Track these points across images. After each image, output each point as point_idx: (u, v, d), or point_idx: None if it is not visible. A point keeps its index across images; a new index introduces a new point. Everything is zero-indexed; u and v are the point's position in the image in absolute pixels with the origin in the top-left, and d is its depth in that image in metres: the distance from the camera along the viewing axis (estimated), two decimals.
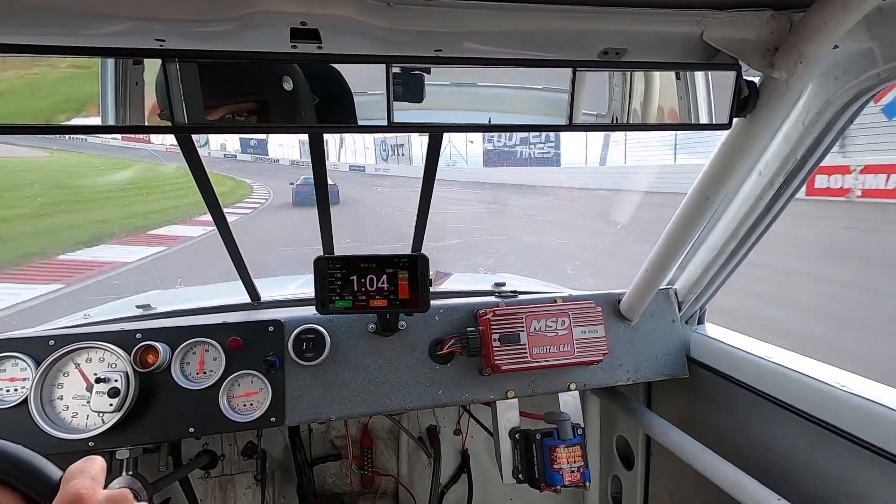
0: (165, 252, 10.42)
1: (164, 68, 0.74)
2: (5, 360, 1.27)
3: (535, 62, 0.89)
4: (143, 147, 27.40)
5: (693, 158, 17.29)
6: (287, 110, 0.84)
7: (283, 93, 0.82)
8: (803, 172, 1.14)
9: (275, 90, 0.82)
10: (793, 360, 1.30)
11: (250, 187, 24.29)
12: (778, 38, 0.86)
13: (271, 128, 0.85)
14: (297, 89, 0.82)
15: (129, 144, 31.32)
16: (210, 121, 0.80)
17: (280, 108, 0.84)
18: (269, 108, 0.83)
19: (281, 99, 0.83)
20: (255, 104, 0.83)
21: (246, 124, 0.83)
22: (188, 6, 0.72)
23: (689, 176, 1.18)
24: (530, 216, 15.31)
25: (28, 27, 0.76)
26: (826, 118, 1.02)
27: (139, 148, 28.45)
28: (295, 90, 0.82)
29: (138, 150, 28.14)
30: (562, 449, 1.40)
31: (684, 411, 1.66)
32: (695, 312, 1.66)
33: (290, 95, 0.82)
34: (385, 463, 2.35)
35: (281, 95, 0.82)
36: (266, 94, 0.82)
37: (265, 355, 1.34)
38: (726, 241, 1.36)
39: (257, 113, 0.83)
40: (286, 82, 0.81)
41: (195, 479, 2.02)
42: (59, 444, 1.22)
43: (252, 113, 0.83)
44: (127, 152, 30.30)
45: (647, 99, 0.95)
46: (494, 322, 1.41)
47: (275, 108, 0.83)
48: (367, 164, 36.54)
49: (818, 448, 1.19)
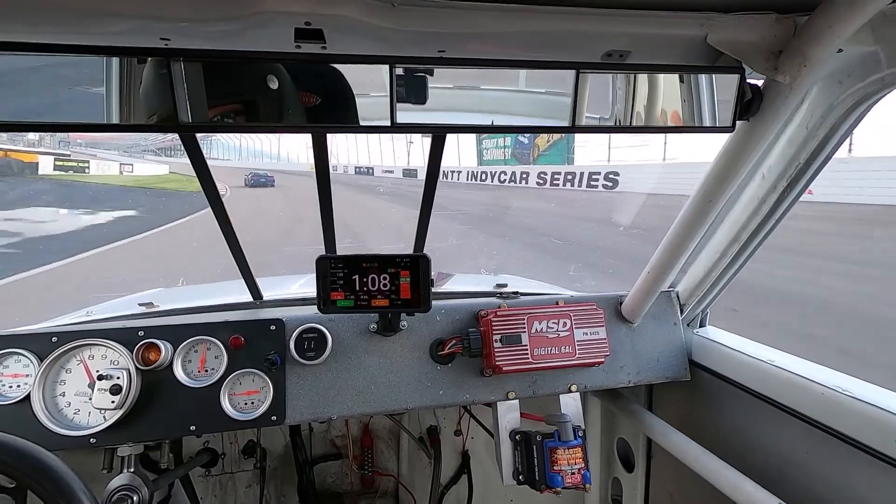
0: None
1: (168, 67, 0.75)
2: (8, 357, 1.28)
3: (539, 64, 0.89)
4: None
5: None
6: (291, 111, 0.84)
7: (286, 93, 0.83)
8: (807, 176, 1.14)
9: (278, 90, 0.82)
10: (794, 364, 1.30)
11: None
12: (782, 41, 0.86)
13: (275, 127, 0.85)
14: (299, 90, 0.83)
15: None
16: (214, 120, 0.80)
17: (284, 108, 0.84)
18: (272, 108, 0.84)
19: (284, 99, 0.83)
20: (258, 104, 0.83)
21: (249, 124, 0.83)
22: (193, 6, 0.72)
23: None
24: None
25: (36, 25, 0.76)
26: (830, 122, 1.02)
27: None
28: (297, 91, 0.82)
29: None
30: (562, 451, 1.40)
31: (685, 414, 1.66)
32: (697, 315, 1.65)
33: (293, 96, 0.83)
34: (385, 463, 2.36)
35: (284, 96, 0.83)
36: (269, 94, 0.83)
37: (267, 354, 1.34)
38: (729, 245, 1.36)
39: (260, 112, 0.83)
40: (272, 82, 0.81)
41: (196, 477, 2.02)
42: (61, 440, 1.23)
43: (255, 112, 0.83)
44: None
45: (650, 101, 0.95)
46: (496, 323, 1.41)
47: (279, 107, 0.84)
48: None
49: (819, 451, 1.18)
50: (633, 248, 9.41)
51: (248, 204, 18.89)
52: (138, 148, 62.93)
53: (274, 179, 29.75)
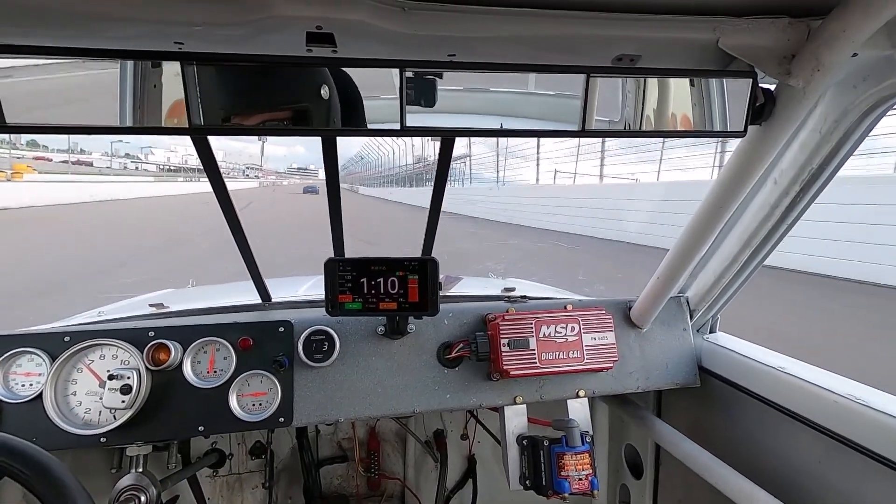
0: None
1: (182, 70, 0.76)
2: (22, 355, 1.29)
3: (549, 68, 0.89)
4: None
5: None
6: (301, 114, 0.85)
7: (297, 98, 0.84)
8: (820, 181, 1.12)
9: (291, 95, 0.83)
10: (806, 371, 1.28)
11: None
12: (795, 45, 0.85)
13: (285, 130, 0.86)
14: (311, 94, 0.83)
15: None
16: (227, 124, 0.81)
17: (296, 111, 0.85)
18: (283, 112, 0.84)
19: (296, 103, 0.84)
20: (271, 108, 0.84)
21: (261, 127, 0.84)
22: (207, 11, 0.73)
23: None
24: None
25: (50, 29, 0.77)
26: (844, 127, 1.01)
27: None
28: (310, 95, 0.83)
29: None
30: (570, 456, 1.39)
31: (695, 421, 1.64)
32: (707, 321, 1.64)
33: (306, 100, 0.83)
34: (392, 466, 2.35)
35: (295, 100, 0.84)
36: (284, 98, 0.84)
37: (275, 356, 1.35)
38: (740, 250, 1.34)
39: (274, 116, 0.84)
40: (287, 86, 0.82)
41: (203, 478, 2.03)
42: (72, 439, 1.24)
43: (268, 116, 0.84)
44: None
45: (660, 105, 0.94)
46: (504, 327, 1.41)
47: (290, 112, 0.84)
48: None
49: (831, 461, 1.17)
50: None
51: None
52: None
53: (318, 189, 36.66)
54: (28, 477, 0.80)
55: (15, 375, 1.29)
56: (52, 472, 0.79)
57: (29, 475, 0.79)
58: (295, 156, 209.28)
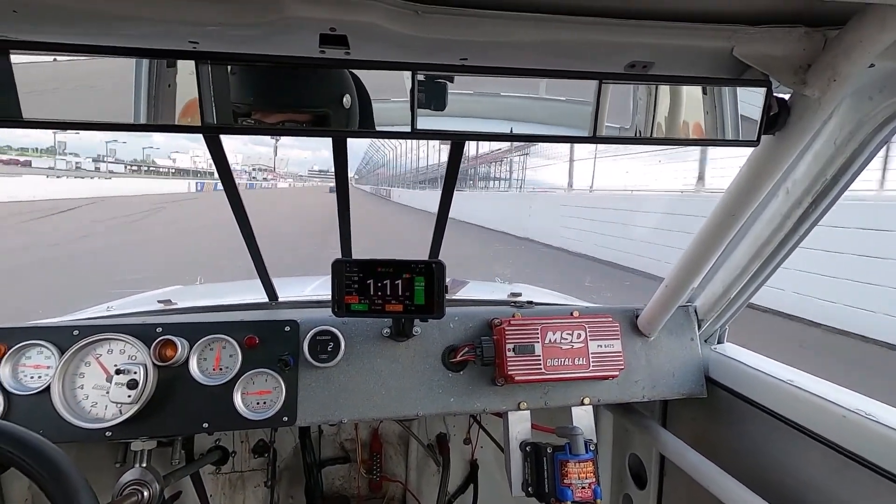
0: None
1: (196, 69, 0.76)
2: (31, 348, 1.31)
3: (561, 73, 0.89)
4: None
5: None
6: (316, 117, 0.86)
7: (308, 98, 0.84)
8: (833, 193, 1.11)
9: (303, 96, 0.84)
10: (815, 385, 1.26)
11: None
12: (811, 55, 0.84)
13: (296, 131, 0.86)
14: (324, 95, 0.84)
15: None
16: (239, 123, 0.82)
17: (306, 112, 0.85)
18: (300, 115, 0.85)
19: (308, 104, 0.84)
20: (286, 109, 0.84)
21: (272, 126, 0.84)
22: (222, 12, 0.74)
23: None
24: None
25: (68, 27, 0.78)
26: (859, 138, 0.99)
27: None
28: (328, 100, 0.84)
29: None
30: (573, 464, 1.38)
31: (701, 432, 1.62)
32: (715, 331, 1.62)
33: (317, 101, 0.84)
34: (394, 468, 2.35)
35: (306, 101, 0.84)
36: (296, 99, 0.84)
37: (280, 355, 1.35)
38: (750, 261, 1.33)
39: (286, 116, 0.85)
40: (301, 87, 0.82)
41: (206, 475, 2.04)
42: (79, 432, 1.25)
43: (280, 116, 0.84)
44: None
45: (673, 113, 0.93)
46: (509, 332, 1.40)
47: (306, 115, 0.85)
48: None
49: (839, 477, 1.15)
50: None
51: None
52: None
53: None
54: (33, 468, 0.80)
55: (24, 368, 1.30)
56: (57, 464, 0.80)
57: (34, 466, 0.80)
58: (317, 159, 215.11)
